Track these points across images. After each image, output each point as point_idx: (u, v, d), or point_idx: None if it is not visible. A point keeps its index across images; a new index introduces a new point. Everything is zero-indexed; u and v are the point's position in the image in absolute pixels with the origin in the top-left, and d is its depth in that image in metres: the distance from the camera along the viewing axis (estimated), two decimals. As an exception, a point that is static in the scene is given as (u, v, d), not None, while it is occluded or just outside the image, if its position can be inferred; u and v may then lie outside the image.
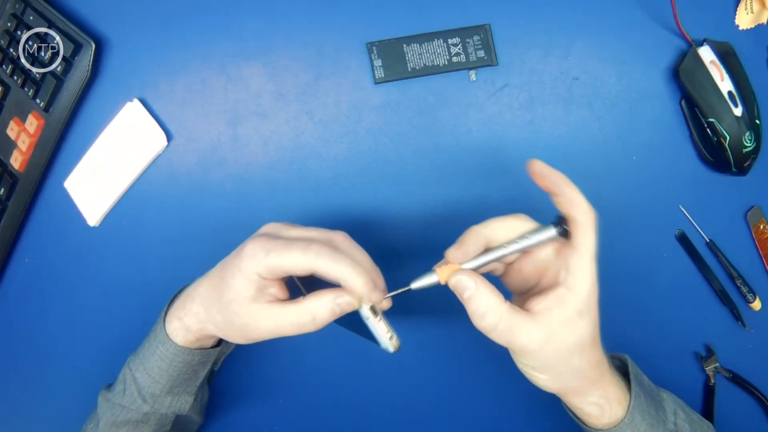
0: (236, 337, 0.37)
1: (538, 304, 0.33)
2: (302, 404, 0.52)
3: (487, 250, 0.35)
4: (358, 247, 0.36)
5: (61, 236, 0.53)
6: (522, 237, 0.34)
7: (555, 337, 0.32)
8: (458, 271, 0.34)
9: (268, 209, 0.50)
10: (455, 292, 0.34)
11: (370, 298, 0.34)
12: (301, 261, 0.33)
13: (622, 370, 0.39)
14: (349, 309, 0.34)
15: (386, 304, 0.36)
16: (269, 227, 0.37)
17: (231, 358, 0.49)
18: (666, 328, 0.50)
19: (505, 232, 0.35)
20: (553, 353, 0.33)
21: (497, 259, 0.35)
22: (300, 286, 0.37)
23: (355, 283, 0.33)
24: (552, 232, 0.34)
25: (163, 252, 0.52)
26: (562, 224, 0.34)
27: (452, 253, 0.34)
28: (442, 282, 0.34)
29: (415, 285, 0.35)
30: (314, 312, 0.34)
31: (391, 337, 0.36)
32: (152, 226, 0.51)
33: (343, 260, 0.33)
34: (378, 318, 0.36)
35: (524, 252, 0.36)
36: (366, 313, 0.35)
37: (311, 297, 0.34)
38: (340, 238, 0.36)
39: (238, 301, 0.34)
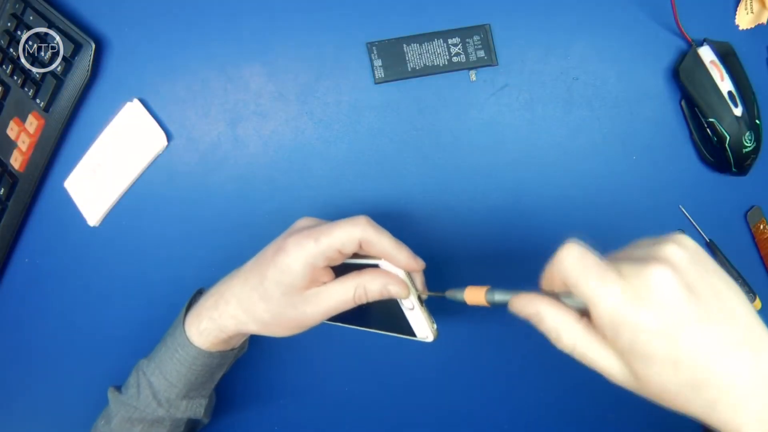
0: (288, 327, 0.38)
1: None
2: (303, 405, 0.52)
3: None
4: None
5: (61, 236, 0.53)
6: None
7: (631, 365, 0.28)
8: (520, 296, 0.32)
9: (268, 209, 0.50)
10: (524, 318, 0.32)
11: (410, 266, 0.36)
12: (351, 233, 0.35)
13: None
14: (396, 296, 0.36)
15: (424, 295, 0.38)
16: (302, 222, 0.39)
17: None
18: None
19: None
20: (643, 382, 0.28)
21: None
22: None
23: (398, 253, 0.35)
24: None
25: (163, 252, 0.52)
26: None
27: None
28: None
29: (449, 294, 0.36)
30: (365, 285, 0.36)
31: (433, 324, 0.38)
32: (152, 226, 0.51)
33: (385, 232, 0.36)
34: (423, 307, 0.37)
35: None
36: (413, 301, 0.37)
37: (365, 273, 0.36)
38: (366, 219, 0.37)
39: (293, 293, 0.36)
